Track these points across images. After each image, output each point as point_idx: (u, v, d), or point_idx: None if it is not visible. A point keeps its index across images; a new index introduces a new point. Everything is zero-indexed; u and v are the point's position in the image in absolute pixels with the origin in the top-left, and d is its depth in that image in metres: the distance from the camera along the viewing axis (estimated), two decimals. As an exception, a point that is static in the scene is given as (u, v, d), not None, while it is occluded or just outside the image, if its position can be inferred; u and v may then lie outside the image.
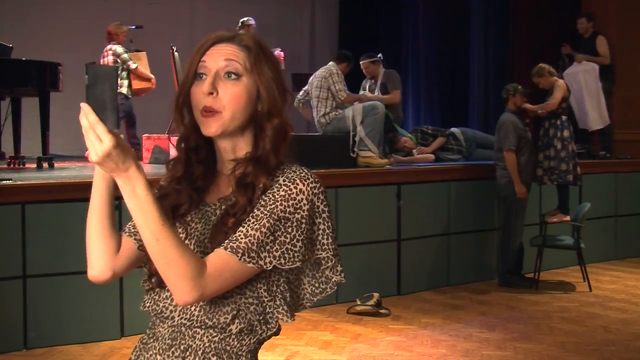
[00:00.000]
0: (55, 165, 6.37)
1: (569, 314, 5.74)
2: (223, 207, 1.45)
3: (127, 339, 4.85)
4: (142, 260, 1.50)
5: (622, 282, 6.89)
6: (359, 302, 5.69)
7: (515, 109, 6.69)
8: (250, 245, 1.35)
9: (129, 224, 1.52)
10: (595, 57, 8.29)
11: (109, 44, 7.72)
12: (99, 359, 4.51)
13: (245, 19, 8.03)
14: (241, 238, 1.36)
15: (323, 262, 1.46)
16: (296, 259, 1.39)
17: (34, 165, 6.39)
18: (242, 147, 1.47)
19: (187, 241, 1.44)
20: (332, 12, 11.46)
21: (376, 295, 5.71)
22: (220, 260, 1.35)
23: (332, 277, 1.48)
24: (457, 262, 6.69)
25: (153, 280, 1.46)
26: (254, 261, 1.35)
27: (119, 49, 7.67)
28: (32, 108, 6.66)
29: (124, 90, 7.68)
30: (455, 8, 10.64)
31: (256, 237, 1.35)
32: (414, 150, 7.52)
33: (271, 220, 1.36)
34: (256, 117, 1.45)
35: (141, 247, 1.44)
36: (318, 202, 1.41)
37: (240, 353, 1.43)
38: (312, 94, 6.88)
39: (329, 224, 1.43)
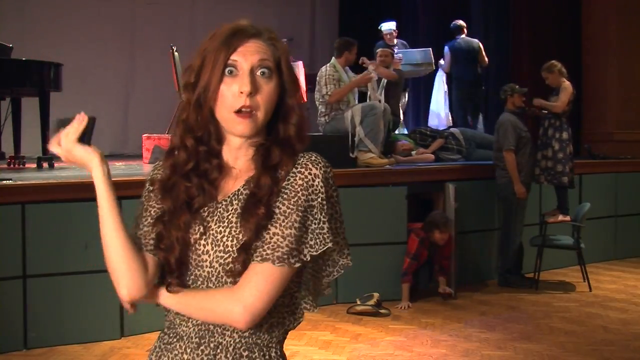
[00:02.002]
0: (55, 165, 6.37)
1: (569, 314, 5.74)
2: (235, 201, 1.42)
3: (127, 339, 4.85)
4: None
5: (622, 282, 6.88)
6: (359, 302, 5.69)
7: (515, 108, 6.68)
8: (291, 245, 1.36)
9: (144, 240, 1.44)
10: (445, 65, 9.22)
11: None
12: (99, 359, 4.52)
13: (382, 25, 8.15)
14: (281, 242, 1.36)
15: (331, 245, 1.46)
16: (327, 240, 1.39)
17: (34, 165, 6.40)
18: (254, 142, 1.46)
19: (202, 241, 1.41)
20: (332, 12, 11.47)
21: (376, 295, 5.71)
22: (266, 273, 1.36)
23: (339, 261, 1.48)
24: (457, 262, 6.68)
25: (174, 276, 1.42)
26: (297, 259, 1.37)
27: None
28: (32, 108, 6.66)
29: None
30: (456, 8, 10.62)
31: (293, 235, 1.37)
32: (414, 151, 7.52)
33: (299, 213, 1.37)
34: (278, 112, 1.45)
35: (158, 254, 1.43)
36: (328, 186, 1.43)
37: (270, 345, 1.44)
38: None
39: (337, 207, 1.45)
